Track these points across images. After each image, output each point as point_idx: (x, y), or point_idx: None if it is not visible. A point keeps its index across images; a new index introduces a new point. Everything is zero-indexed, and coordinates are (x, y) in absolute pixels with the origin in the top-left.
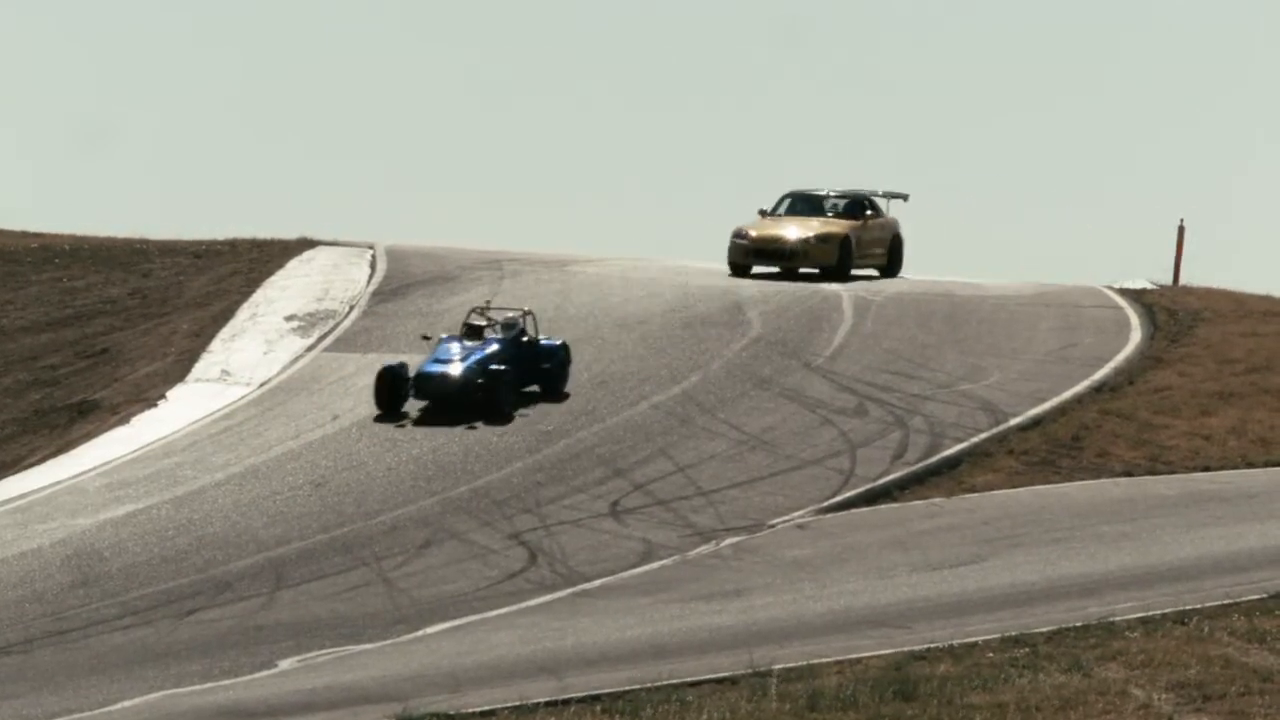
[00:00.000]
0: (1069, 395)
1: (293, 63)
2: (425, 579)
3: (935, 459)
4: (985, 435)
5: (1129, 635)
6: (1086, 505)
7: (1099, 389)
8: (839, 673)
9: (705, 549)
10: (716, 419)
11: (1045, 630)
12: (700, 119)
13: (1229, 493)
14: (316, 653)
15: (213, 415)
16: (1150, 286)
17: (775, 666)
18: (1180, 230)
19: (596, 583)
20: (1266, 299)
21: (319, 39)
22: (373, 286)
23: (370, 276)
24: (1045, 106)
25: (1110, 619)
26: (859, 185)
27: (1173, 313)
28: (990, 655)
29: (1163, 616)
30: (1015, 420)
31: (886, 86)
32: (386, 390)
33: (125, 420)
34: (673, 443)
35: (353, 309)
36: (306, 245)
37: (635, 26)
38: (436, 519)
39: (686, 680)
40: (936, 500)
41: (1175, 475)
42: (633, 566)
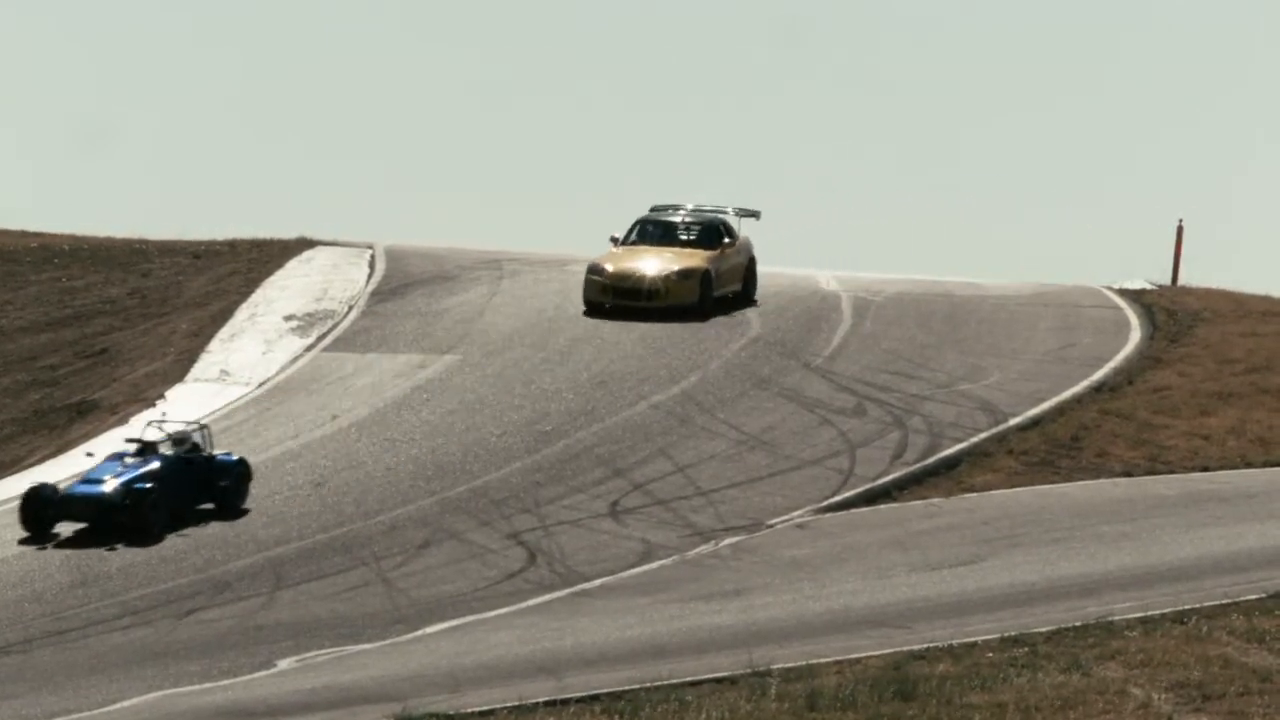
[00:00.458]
0: (1068, 395)
1: (293, 63)
2: (424, 579)
3: (934, 459)
4: (984, 435)
5: (1128, 635)
6: (1086, 505)
7: (1098, 389)
8: (838, 672)
9: (704, 549)
10: (716, 419)
11: (1044, 630)
12: (700, 119)
13: (1228, 493)
14: (315, 653)
15: (212, 415)
16: (1149, 287)
17: (774, 666)
18: (1179, 230)
19: (596, 583)
20: (1266, 299)
21: (319, 39)
22: (372, 286)
23: (369, 276)
24: (1045, 106)
25: (1109, 619)
26: (715, 199)
27: (1172, 313)
28: (989, 655)
29: (1162, 616)
30: (1015, 420)
31: (886, 86)
32: (32, 513)
33: (124, 420)
34: (672, 443)
35: (352, 309)
36: (305, 245)
37: (635, 27)
38: (435, 519)
39: (686, 680)
40: (936, 500)
41: (1174, 475)
42: (632, 566)
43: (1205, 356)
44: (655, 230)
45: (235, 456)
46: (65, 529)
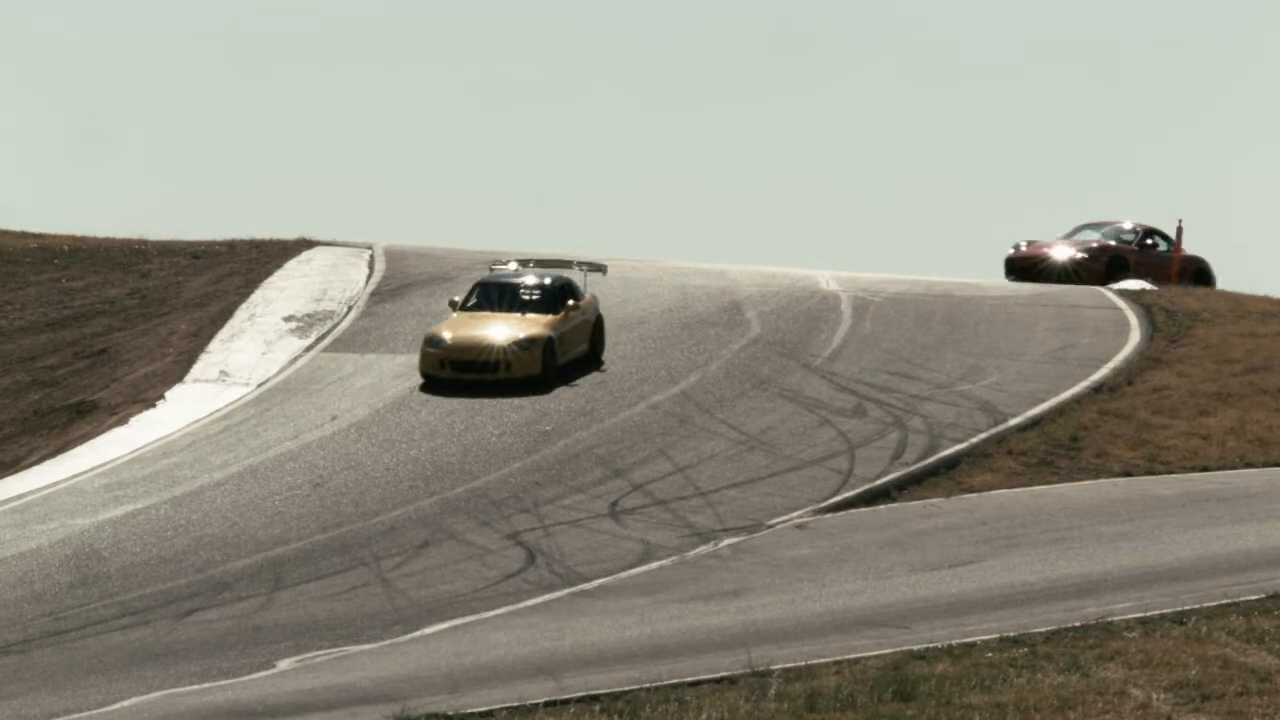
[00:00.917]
0: (1067, 396)
1: (292, 63)
2: (423, 579)
3: (934, 459)
4: (984, 436)
5: (1127, 635)
6: (1085, 505)
7: (1097, 389)
8: (837, 673)
9: (704, 549)
10: (715, 419)
11: (1044, 630)
12: (700, 119)
13: (1227, 493)
14: (315, 653)
15: (211, 416)
16: (1149, 287)
17: (774, 667)
18: (1179, 230)
19: (595, 583)
20: (1265, 299)
21: (319, 40)
22: (371, 287)
23: (369, 277)
24: (1045, 107)
25: (1109, 619)
26: (560, 251)
27: (1171, 313)
28: (989, 655)
29: (1161, 616)
30: (1014, 421)
31: (887, 86)
32: None
33: (124, 421)
34: (671, 443)
35: (351, 309)
36: (305, 246)
37: (635, 28)
38: (435, 519)
39: (685, 680)
40: (935, 501)
41: (1173, 475)
42: (631, 567)
43: (1204, 357)
44: (496, 293)
45: None
46: None
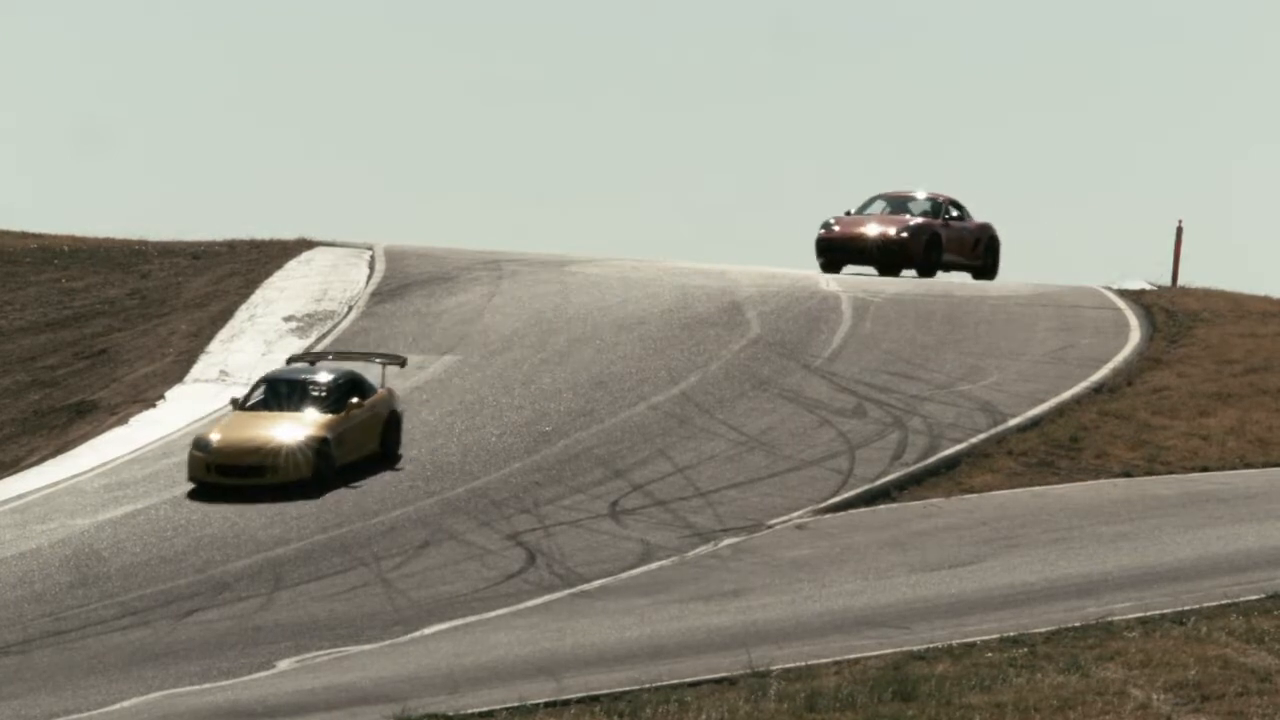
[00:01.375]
0: (1067, 396)
1: (292, 63)
2: (423, 580)
3: (934, 460)
4: (984, 436)
5: (1127, 635)
6: (1085, 506)
7: (1097, 390)
8: (837, 673)
9: (704, 549)
10: (715, 420)
11: (1044, 630)
12: (700, 119)
13: (1227, 493)
14: (315, 653)
15: (211, 416)
16: (1149, 287)
17: (774, 667)
18: (1179, 231)
19: (595, 583)
20: (1265, 300)
21: (319, 40)
22: (371, 287)
23: (369, 277)
24: (1046, 107)
25: (1109, 619)
26: (364, 344)
27: (1171, 314)
28: (989, 655)
29: (1161, 617)
30: (1014, 421)
31: (887, 86)
32: None
33: (124, 421)
34: (671, 443)
35: (351, 309)
36: (305, 246)
37: (635, 28)
38: (435, 520)
39: (685, 681)
40: (935, 501)
41: (1173, 476)
42: (631, 567)
43: (1204, 357)
44: (282, 390)
45: None
46: None
